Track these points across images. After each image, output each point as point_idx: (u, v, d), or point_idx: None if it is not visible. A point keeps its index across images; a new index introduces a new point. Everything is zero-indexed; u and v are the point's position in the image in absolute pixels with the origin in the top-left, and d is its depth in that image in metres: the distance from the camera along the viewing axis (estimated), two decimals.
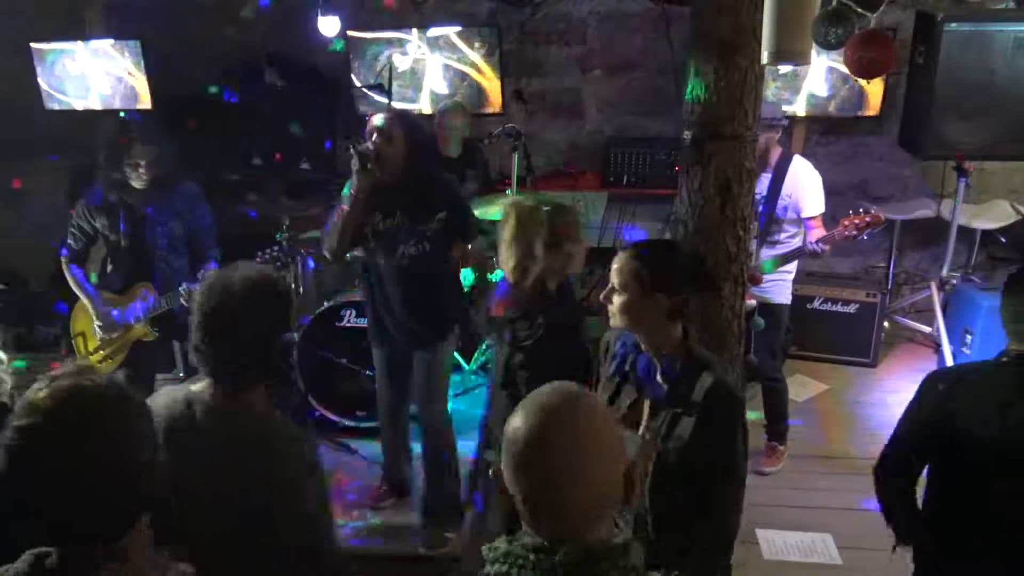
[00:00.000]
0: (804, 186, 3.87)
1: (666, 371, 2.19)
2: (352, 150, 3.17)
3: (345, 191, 3.32)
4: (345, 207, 3.26)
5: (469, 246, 3.49)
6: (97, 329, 3.80)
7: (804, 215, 3.88)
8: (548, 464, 1.25)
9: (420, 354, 3.47)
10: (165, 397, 1.98)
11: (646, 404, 2.22)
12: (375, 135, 3.22)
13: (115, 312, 3.75)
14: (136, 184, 3.65)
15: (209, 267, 3.66)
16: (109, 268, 3.85)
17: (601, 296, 2.25)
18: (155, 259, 3.76)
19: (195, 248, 3.84)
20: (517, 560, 1.26)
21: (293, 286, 4.61)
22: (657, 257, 2.22)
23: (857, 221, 3.70)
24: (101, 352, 3.84)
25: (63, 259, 3.81)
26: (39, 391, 1.32)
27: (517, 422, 1.28)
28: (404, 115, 3.34)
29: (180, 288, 3.62)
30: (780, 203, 3.85)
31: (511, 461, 1.28)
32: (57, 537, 1.31)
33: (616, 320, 2.22)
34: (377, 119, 3.26)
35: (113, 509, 1.32)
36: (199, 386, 1.94)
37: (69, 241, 3.79)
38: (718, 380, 2.11)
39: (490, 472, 1.38)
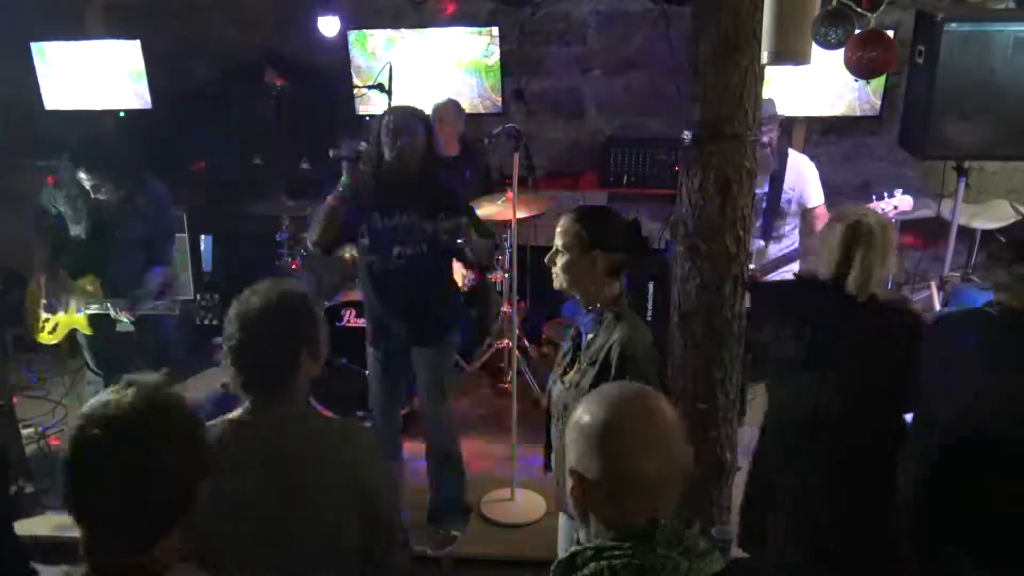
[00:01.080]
0: (808, 179, 3.97)
1: (590, 324, 2.40)
2: (342, 160, 3.23)
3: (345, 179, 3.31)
4: (329, 200, 3.26)
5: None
6: (43, 304, 3.90)
7: (810, 205, 3.98)
8: (627, 440, 1.35)
9: (424, 352, 3.46)
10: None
11: (577, 360, 2.44)
12: (398, 134, 3.21)
13: (59, 297, 3.86)
14: (97, 197, 3.69)
15: (154, 273, 3.74)
16: (66, 249, 3.89)
17: (546, 259, 2.43)
18: (109, 258, 3.80)
19: (150, 251, 3.86)
20: (618, 552, 1.31)
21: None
22: (596, 218, 2.42)
23: (884, 206, 3.71)
24: (45, 327, 3.94)
25: (38, 225, 3.92)
26: (117, 395, 1.36)
27: (593, 408, 1.38)
28: (426, 117, 3.33)
29: (117, 301, 3.69)
30: (784, 196, 3.93)
31: (586, 443, 1.36)
32: (97, 534, 1.34)
33: (558, 280, 2.41)
34: (400, 117, 3.25)
35: (158, 514, 1.35)
36: (237, 412, 1.93)
37: (39, 216, 3.90)
38: (621, 337, 2.27)
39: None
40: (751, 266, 3.73)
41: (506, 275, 4.71)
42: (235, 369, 1.89)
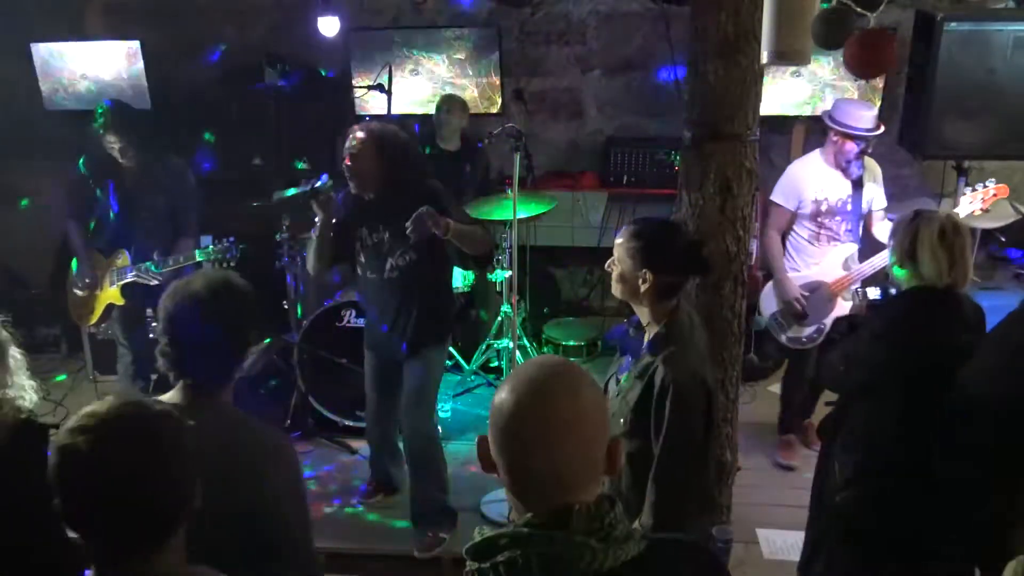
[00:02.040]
0: (880, 180, 4.03)
1: (637, 347, 2.40)
2: (311, 196, 3.33)
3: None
4: (313, 233, 3.40)
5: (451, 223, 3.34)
6: (76, 284, 4.05)
7: (878, 207, 4.02)
8: (531, 432, 1.25)
9: (412, 360, 3.48)
10: None
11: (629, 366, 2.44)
12: (346, 155, 3.26)
13: (93, 273, 4.02)
14: (124, 162, 3.89)
15: (184, 241, 3.94)
16: (98, 230, 4.07)
17: (607, 265, 2.43)
18: (137, 231, 3.97)
19: (177, 223, 4.04)
20: (531, 538, 1.25)
21: (293, 285, 4.60)
22: (654, 236, 2.35)
23: (983, 195, 3.70)
24: (87, 304, 4.09)
25: (69, 220, 4.08)
26: (101, 404, 1.36)
27: (504, 394, 1.29)
28: (372, 132, 3.28)
29: (143, 265, 3.87)
30: (864, 198, 3.96)
31: (496, 431, 1.28)
32: (95, 544, 1.34)
33: (614, 289, 2.41)
34: (349, 139, 3.28)
35: (154, 522, 1.34)
36: (168, 395, 1.92)
37: (70, 206, 4.08)
38: (667, 359, 2.24)
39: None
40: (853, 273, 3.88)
41: (506, 274, 4.70)
42: (172, 352, 1.88)
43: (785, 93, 4.96)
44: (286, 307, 4.47)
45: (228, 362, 1.92)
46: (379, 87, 4.81)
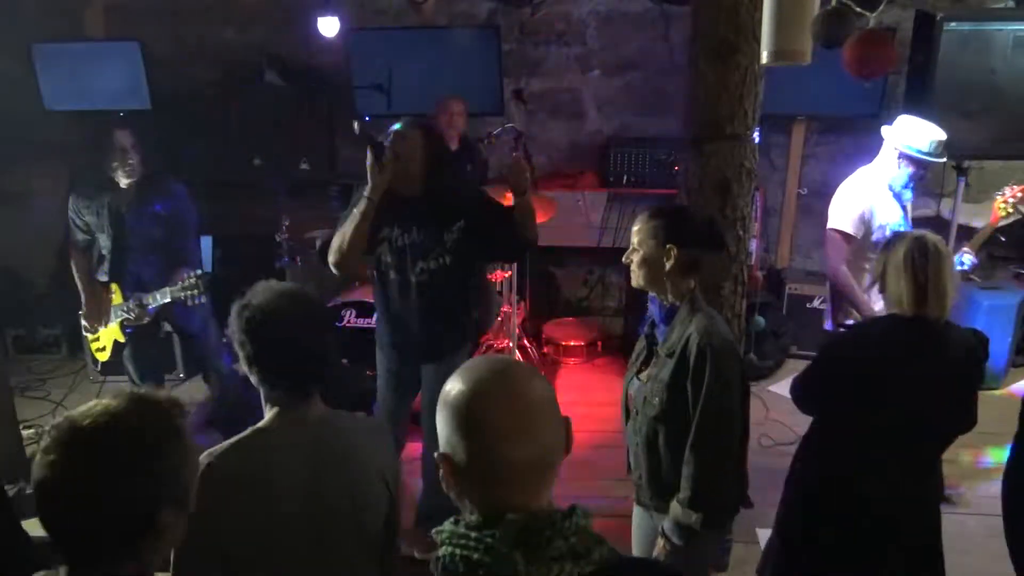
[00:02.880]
0: None
1: (663, 318, 2.39)
2: (369, 148, 3.05)
3: (355, 207, 3.16)
4: (356, 211, 3.09)
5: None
6: (83, 319, 3.96)
7: None
8: (490, 424, 1.25)
9: (433, 366, 3.40)
10: (237, 451, 1.91)
11: (655, 355, 2.43)
12: (395, 141, 3.11)
13: (97, 315, 3.90)
14: (123, 179, 3.72)
15: (182, 272, 3.63)
16: (97, 262, 3.95)
17: (624, 258, 2.43)
18: (130, 260, 3.83)
19: (175, 250, 3.86)
20: (461, 540, 1.24)
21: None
22: (671, 214, 2.40)
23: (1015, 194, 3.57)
24: (96, 343, 3.98)
25: (70, 248, 3.95)
26: (87, 409, 1.36)
27: (458, 386, 1.28)
28: (424, 124, 3.22)
29: (130, 297, 3.73)
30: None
31: (452, 423, 1.27)
32: (63, 548, 1.33)
33: (635, 278, 2.41)
34: (397, 125, 3.17)
35: (118, 530, 1.32)
36: (266, 421, 1.92)
37: (71, 233, 3.93)
38: (698, 328, 2.27)
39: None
40: None
41: (507, 275, 4.71)
42: (263, 374, 1.88)
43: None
44: None
45: (317, 371, 1.94)
46: (379, 87, 4.82)
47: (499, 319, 4.79)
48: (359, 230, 3.08)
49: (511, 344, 4.34)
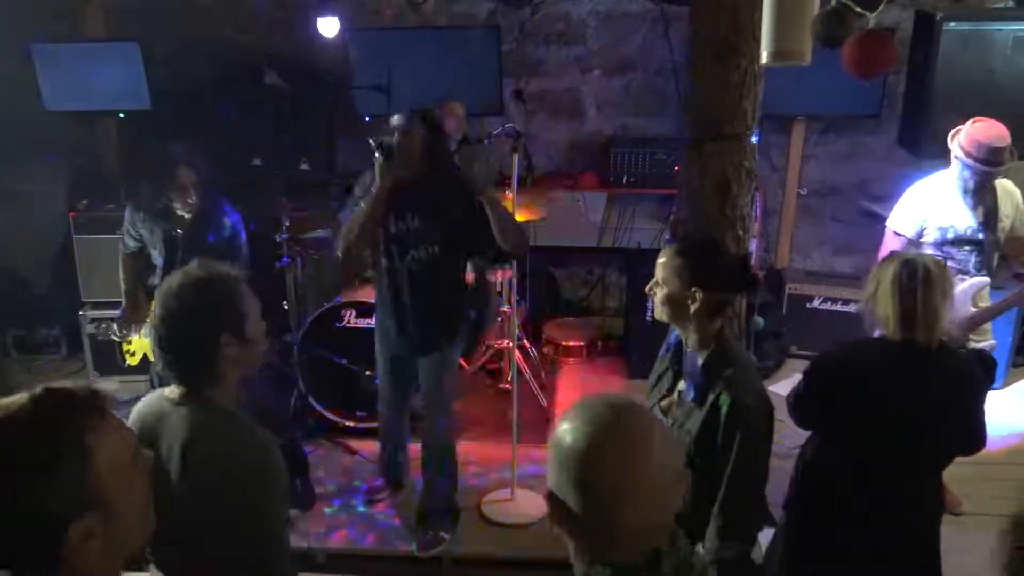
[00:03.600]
0: (1020, 200, 3.52)
1: (690, 367, 2.28)
2: (376, 146, 3.13)
3: (356, 204, 3.29)
4: (363, 205, 3.22)
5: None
6: (115, 328, 3.95)
7: (1015, 234, 3.54)
8: (610, 484, 1.20)
9: (428, 358, 3.45)
10: (146, 402, 2.01)
11: (678, 392, 2.34)
12: (395, 132, 3.18)
13: (129, 324, 3.91)
14: (181, 211, 3.67)
15: None
16: (146, 267, 3.91)
17: (647, 288, 2.33)
18: None
19: None
20: None
21: (292, 285, 4.61)
22: (699, 254, 2.27)
23: None
24: (129, 346, 3.99)
25: (120, 251, 3.92)
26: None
27: (575, 432, 1.22)
28: (425, 114, 3.26)
29: None
30: (999, 226, 3.49)
31: (565, 473, 1.22)
32: None
33: (659, 312, 2.30)
34: (397, 117, 3.22)
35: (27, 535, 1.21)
36: (170, 389, 1.97)
37: (124, 237, 3.89)
38: (729, 383, 2.16)
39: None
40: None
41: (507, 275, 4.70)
42: (157, 351, 1.92)
43: None
44: (286, 307, 4.48)
45: (205, 361, 1.91)
46: (379, 87, 4.81)
47: (499, 319, 4.79)
48: (368, 218, 3.20)
49: (511, 344, 4.34)
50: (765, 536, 3.55)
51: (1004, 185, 3.52)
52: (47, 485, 1.19)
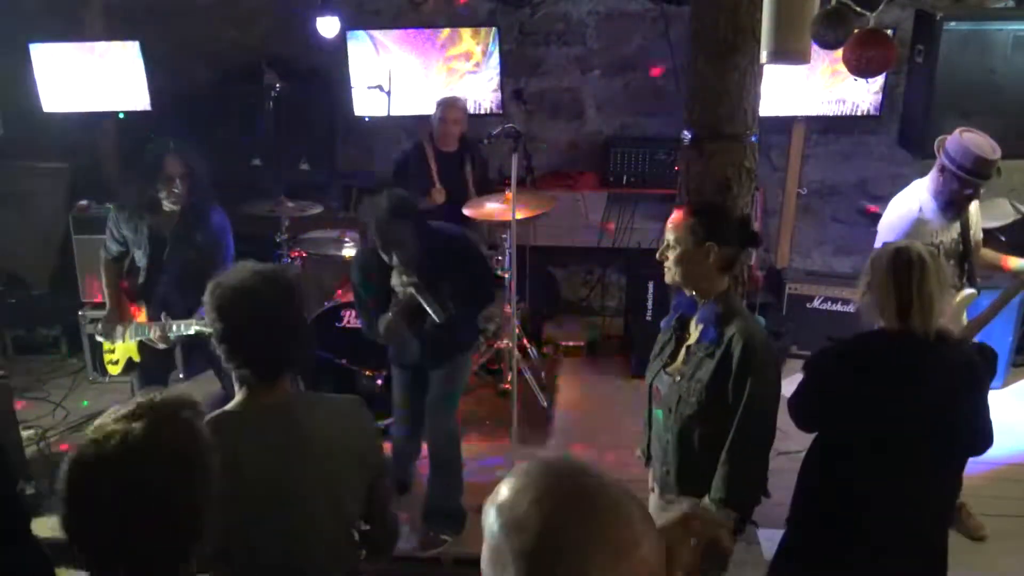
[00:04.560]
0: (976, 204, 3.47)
1: (703, 317, 2.39)
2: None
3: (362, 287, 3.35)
4: (386, 322, 3.25)
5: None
6: (100, 330, 3.85)
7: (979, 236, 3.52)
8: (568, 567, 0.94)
9: (440, 368, 3.49)
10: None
11: (683, 350, 2.44)
12: (390, 248, 3.13)
13: (114, 327, 3.80)
14: (167, 205, 3.61)
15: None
16: (128, 275, 3.85)
17: (657, 254, 2.44)
18: (162, 283, 3.73)
19: (205, 282, 3.73)
20: None
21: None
22: (709, 211, 2.42)
23: None
24: (110, 354, 3.89)
25: (102, 257, 3.84)
26: (119, 416, 1.32)
27: (521, 510, 0.96)
28: (400, 212, 3.14)
29: (157, 324, 3.62)
30: (971, 233, 3.43)
31: (506, 557, 0.95)
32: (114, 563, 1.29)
33: (670, 274, 2.41)
34: (387, 229, 3.13)
35: (169, 548, 1.31)
36: (235, 404, 1.93)
37: (106, 242, 3.81)
38: (740, 330, 2.29)
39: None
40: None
41: (507, 275, 4.70)
42: (231, 353, 1.89)
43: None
44: None
45: (284, 353, 1.93)
46: (379, 88, 4.81)
47: (499, 319, 4.79)
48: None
49: (511, 344, 4.34)
50: (770, 540, 3.56)
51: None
52: (199, 479, 1.33)
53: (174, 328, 3.54)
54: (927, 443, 2.35)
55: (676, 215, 2.41)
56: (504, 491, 0.99)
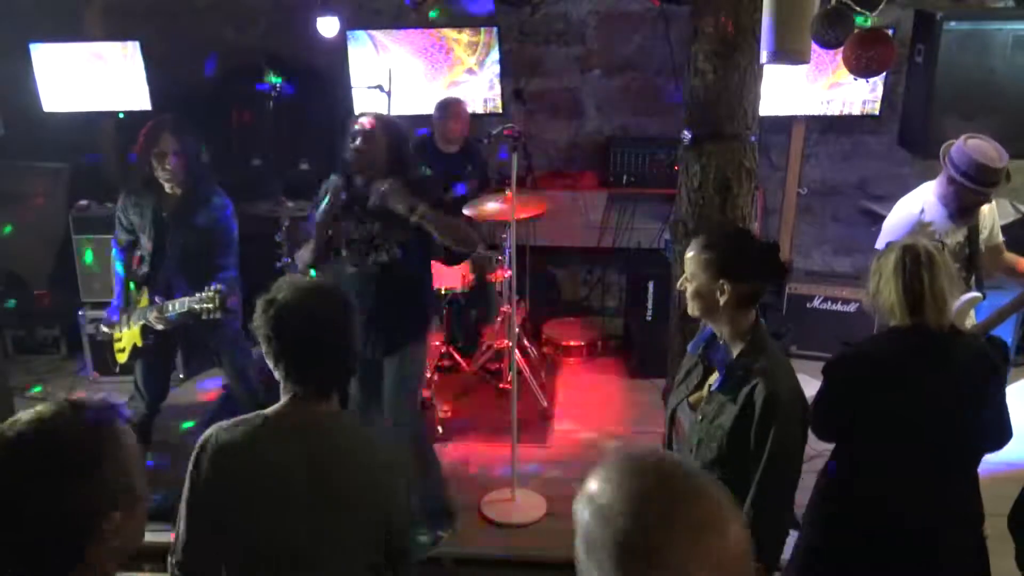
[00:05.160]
0: (994, 206, 3.45)
1: (719, 359, 2.25)
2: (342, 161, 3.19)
3: (324, 202, 3.29)
4: (319, 216, 3.25)
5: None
6: (104, 321, 3.87)
7: (994, 241, 3.48)
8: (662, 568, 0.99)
9: (390, 358, 3.43)
10: (237, 430, 1.93)
11: (708, 386, 2.29)
12: (357, 139, 3.20)
13: (116, 312, 3.81)
14: (167, 186, 3.62)
15: (212, 286, 3.46)
16: (138, 263, 3.85)
17: (678, 285, 2.30)
18: (164, 267, 3.73)
19: (208, 265, 3.69)
20: None
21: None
22: (727, 245, 2.24)
23: None
24: (119, 343, 3.90)
25: (113, 248, 3.87)
26: (16, 419, 1.33)
27: (614, 501, 1.03)
28: (384, 119, 3.29)
29: (154, 300, 3.63)
30: (981, 237, 3.39)
31: (602, 549, 1.02)
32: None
33: (691, 307, 2.27)
34: (358, 123, 3.24)
35: (54, 541, 1.29)
36: (275, 408, 1.94)
37: (116, 233, 3.84)
38: (764, 376, 2.14)
39: None
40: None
41: (506, 275, 4.70)
42: (287, 362, 1.89)
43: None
44: None
45: (338, 370, 1.95)
46: (379, 88, 4.81)
47: (499, 319, 4.79)
48: (322, 235, 3.27)
49: (511, 344, 4.34)
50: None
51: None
52: (92, 482, 1.30)
53: (170, 308, 3.55)
54: (952, 438, 2.32)
55: (693, 246, 2.25)
56: (591, 484, 1.06)
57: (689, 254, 2.25)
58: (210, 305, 3.38)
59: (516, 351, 4.09)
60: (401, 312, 3.38)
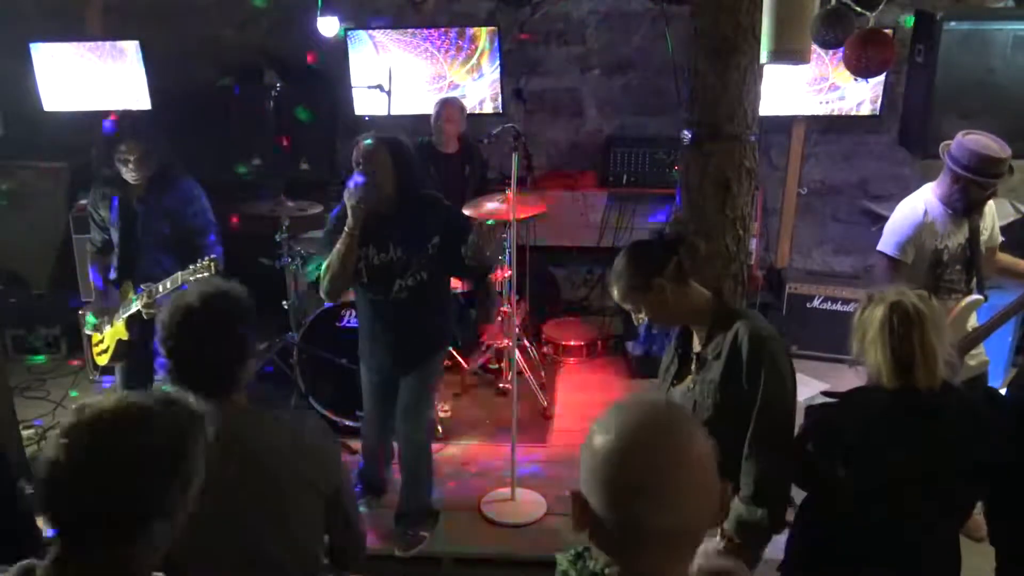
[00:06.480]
0: (993, 207, 3.38)
1: (703, 335, 2.33)
2: (348, 186, 3.12)
3: (331, 223, 3.30)
4: (340, 246, 3.17)
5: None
6: (88, 321, 3.90)
7: (993, 243, 3.43)
8: (632, 484, 1.16)
9: (410, 374, 3.45)
10: None
11: (693, 362, 2.38)
12: (360, 164, 3.16)
13: (105, 316, 3.82)
14: (129, 178, 3.70)
15: (205, 258, 3.49)
16: (112, 260, 3.89)
17: (634, 320, 2.41)
18: (140, 256, 3.78)
19: (190, 248, 3.74)
20: None
21: (293, 287, 4.61)
22: (629, 260, 2.36)
23: None
24: (99, 345, 3.90)
25: (88, 250, 3.92)
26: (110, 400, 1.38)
27: (605, 433, 1.19)
28: (389, 140, 3.23)
29: (140, 289, 3.61)
30: (982, 238, 3.32)
31: (590, 472, 1.19)
32: (62, 531, 1.34)
33: (661, 326, 2.44)
34: (362, 146, 3.20)
35: (119, 517, 1.33)
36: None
37: (91, 233, 3.89)
38: (744, 324, 2.23)
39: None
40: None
41: (506, 275, 4.70)
42: (177, 367, 1.92)
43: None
44: (286, 307, 4.48)
45: (232, 369, 1.95)
46: (379, 88, 4.81)
47: (499, 319, 4.79)
48: (345, 263, 3.19)
49: (511, 344, 4.34)
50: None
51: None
52: (169, 472, 1.36)
53: (160, 290, 3.53)
54: (933, 501, 2.20)
55: (613, 288, 2.36)
56: (593, 427, 1.23)
57: (616, 296, 2.35)
58: (206, 274, 3.36)
59: (516, 351, 4.09)
60: (425, 331, 3.39)
